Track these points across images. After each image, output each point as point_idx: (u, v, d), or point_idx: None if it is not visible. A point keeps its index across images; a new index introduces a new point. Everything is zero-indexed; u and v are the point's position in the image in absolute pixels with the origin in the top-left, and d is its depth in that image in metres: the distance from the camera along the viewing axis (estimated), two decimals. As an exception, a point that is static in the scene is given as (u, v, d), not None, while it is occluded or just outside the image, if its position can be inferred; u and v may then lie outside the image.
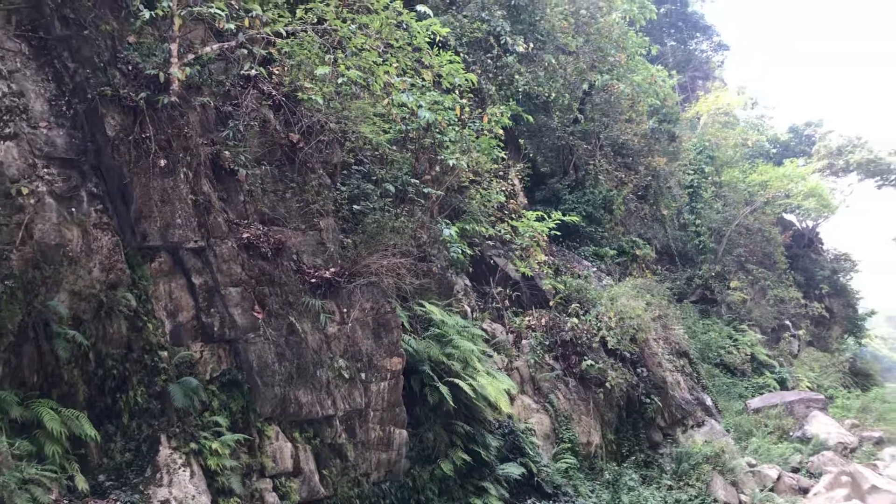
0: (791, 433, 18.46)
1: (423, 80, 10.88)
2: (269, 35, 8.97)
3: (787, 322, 30.59)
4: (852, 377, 31.50)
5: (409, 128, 11.24)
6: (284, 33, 9.09)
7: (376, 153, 11.32)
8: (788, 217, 38.40)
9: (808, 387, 25.35)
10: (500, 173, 14.64)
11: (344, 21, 9.40)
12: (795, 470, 15.76)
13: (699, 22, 44.90)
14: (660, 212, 28.20)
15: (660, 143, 26.50)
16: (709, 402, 17.94)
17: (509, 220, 14.48)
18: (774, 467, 14.97)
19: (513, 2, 18.78)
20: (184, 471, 7.24)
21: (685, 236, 29.59)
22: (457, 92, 11.89)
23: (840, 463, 15.31)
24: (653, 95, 23.58)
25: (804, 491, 14.27)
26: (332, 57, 9.38)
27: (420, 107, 10.66)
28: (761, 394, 22.21)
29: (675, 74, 31.38)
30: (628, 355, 14.97)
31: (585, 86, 22.50)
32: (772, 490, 14.09)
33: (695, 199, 29.76)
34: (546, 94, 19.80)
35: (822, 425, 18.31)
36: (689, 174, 29.76)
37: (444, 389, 10.15)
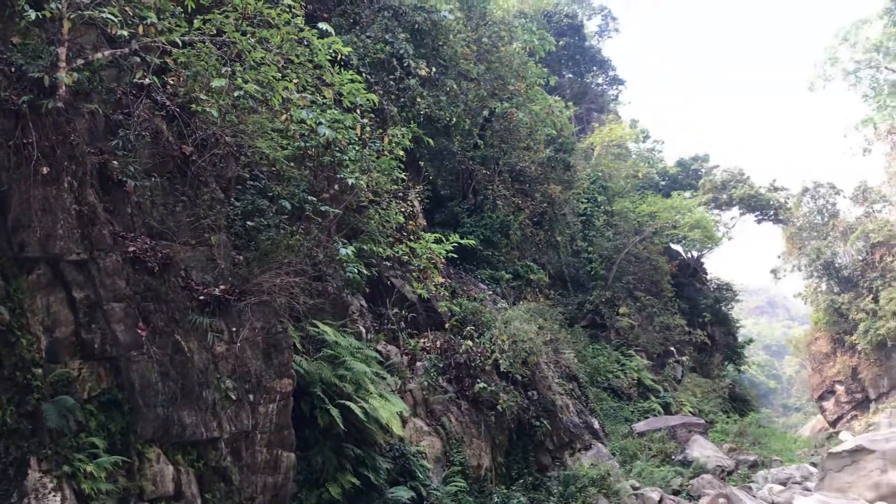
0: (673, 456, 19.07)
1: (324, 97, 10.80)
2: (164, 44, 8.72)
3: (672, 348, 31.74)
4: (731, 402, 32.90)
5: (307, 145, 11.10)
6: (180, 43, 8.86)
7: (273, 169, 11.14)
8: (675, 247, 40.00)
9: (690, 411, 26.30)
10: (400, 194, 14.66)
11: (243, 34, 9.24)
12: (676, 492, 16.28)
13: (596, 56, 46.47)
14: (554, 238, 28.88)
15: (556, 171, 27.19)
16: (596, 425, 18.38)
17: (408, 242, 14.50)
18: (657, 490, 15.41)
19: (416, 26, 18.97)
20: (55, 495, 6.85)
21: (578, 263, 30.39)
22: (358, 111, 11.87)
23: (718, 486, 15.91)
24: (550, 125, 24.21)
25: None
26: (230, 69, 9.20)
27: (320, 124, 10.56)
28: (646, 418, 22.90)
29: (571, 106, 32.31)
30: (520, 378, 15.18)
31: (486, 112, 22.91)
32: (653, 512, 14.53)
33: (588, 226, 30.63)
34: (447, 119, 20.04)
35: (702, 449, 19.02)
36: (582, 202, 30.63)
37: (334, 412, 10.01)
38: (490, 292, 19.53)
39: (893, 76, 60.66)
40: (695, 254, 41.20)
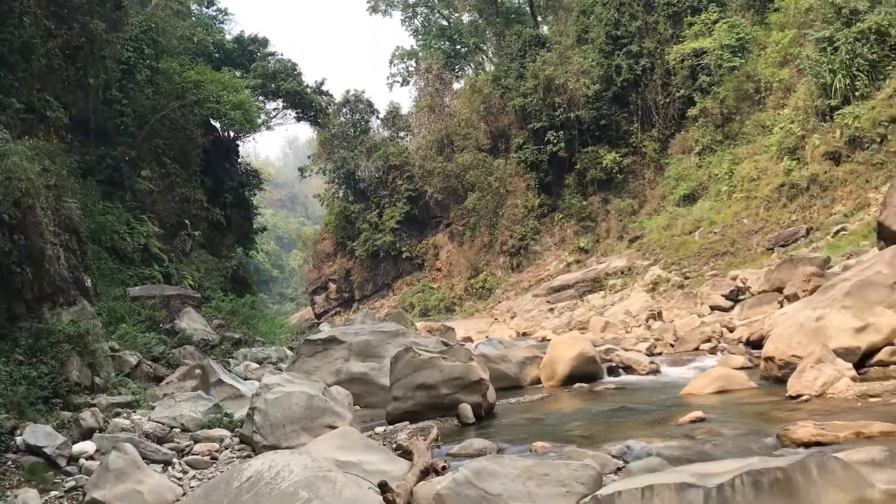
0: (162, 325, 19.02)
1: None
2: None
3: (187, 221, 31.44)
4: (233, 283, 33.94)
5: None
6: None
7: None
8: (214, 123, 39.34)
9: (190, 285, 26.49)
10: None
11: None
12: (157, 359, 16.29)
13: None
14: (87, 79, 26.22)
15: (104, 6, 24.62)
16: (88, 283, 17.42)
17: None
18: (136, 354, 15.24)
19: None
20: None
21: (108, 113, 28.10)
22: None
23: (198, 357, 16.34)
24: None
25: (159, 379, 14.87)
26: None
27: None
28: (144, 284, 22.44)
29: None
30: (7, 219, 13.58)
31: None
32: (128, 375, 14.37)
33: (128, 77, 28.45)
34: None
35: (191, 321, 19.31)
36: (128, 50, 28.30)
37: None
38: (-7, 118, 17.03)
39: (442, 21, 67.24)
40: (232, 134, 41.07)
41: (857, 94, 30.00)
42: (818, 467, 4.18)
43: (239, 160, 42.92)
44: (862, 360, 11.54)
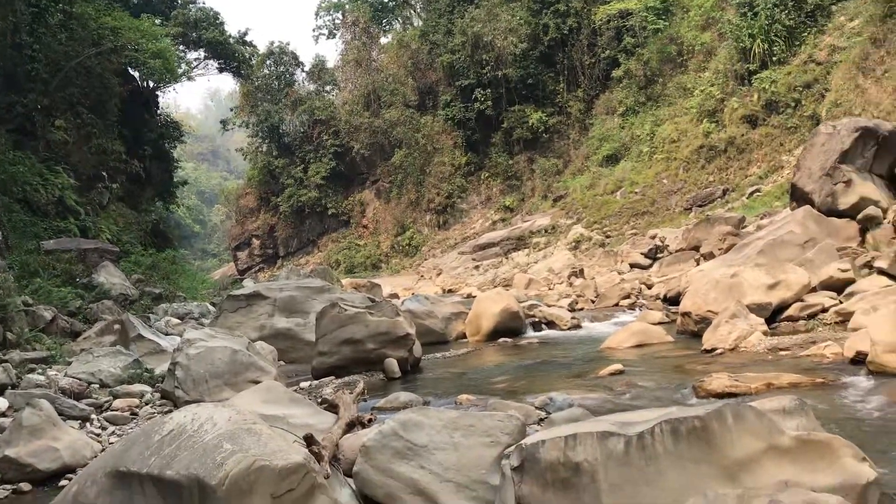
0: (79, 279, 18.41)
1: None
2: None
3: (105, 173, 30.32)
4: (153, 237, 33.03)
5: None
6: None
7: None
8: (133, 72, 37.83)
9: (107, 238, 25.65)
10: None
11: None
12: (73, 314, 15.79)
13: None
14: (-8, 22, 24.85)
15: (11, -57, 23.23)
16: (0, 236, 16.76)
17: None
18: (51, 309, 14.70)
19: None
20: None
21: (18, 58, 26.69)
22: None
23: (117, 312, 15.90)
24: None
25: (76, 334, 14.42)
26: None
27: None
28: (59, 237, 21.64)
29: None
30: None
31: None
32: (42, 331, 13.90)
33: (39, 21, 27.03)
34: None
35: (109, 276, 18.73)
36: (37, -6, 26.84)
37: None
38: None
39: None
40: (151, 84, 39.60)
41: (774, 59, 30.84)
42: (733, 415, 4.35)
43: (159, 111, 41.47)
44: (773, 316, 12.03)
